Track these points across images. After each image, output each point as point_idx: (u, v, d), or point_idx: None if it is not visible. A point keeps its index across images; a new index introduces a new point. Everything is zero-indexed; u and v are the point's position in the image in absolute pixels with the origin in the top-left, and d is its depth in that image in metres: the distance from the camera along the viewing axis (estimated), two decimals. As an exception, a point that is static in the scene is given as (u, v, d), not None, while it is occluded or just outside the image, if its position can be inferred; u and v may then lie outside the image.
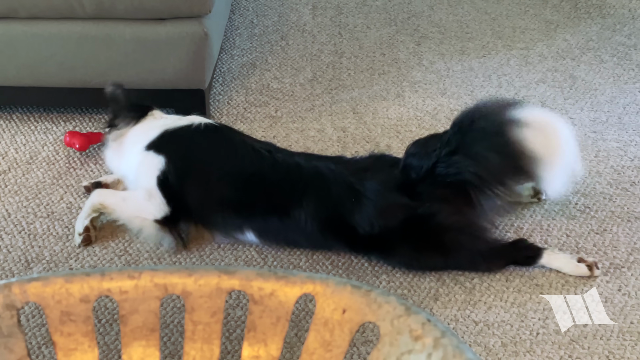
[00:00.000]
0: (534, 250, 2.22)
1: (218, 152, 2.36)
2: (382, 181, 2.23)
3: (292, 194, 2.26)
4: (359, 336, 2.02)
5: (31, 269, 2.25)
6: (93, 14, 2.61)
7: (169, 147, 2.36)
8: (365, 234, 2.20)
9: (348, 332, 1.48)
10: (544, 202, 2.47)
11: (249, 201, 2.29)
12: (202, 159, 2.35)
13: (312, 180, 2.26)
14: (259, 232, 2.30)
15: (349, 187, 2.23)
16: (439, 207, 2.18)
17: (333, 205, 2.23)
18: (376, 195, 2.20)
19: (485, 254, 2.21)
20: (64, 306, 1.50)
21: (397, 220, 2.19)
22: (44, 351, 1.98)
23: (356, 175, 2.25)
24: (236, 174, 2.31)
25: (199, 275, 1.54)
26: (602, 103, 2.99)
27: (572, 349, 2.00)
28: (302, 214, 2.23)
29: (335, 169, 2.27)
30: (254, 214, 2.29)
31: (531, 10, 3.63)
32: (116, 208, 2.33)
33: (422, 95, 3.04)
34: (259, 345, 1.56)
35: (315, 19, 3.55)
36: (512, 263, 2.23)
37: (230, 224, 2.31)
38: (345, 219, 2.22)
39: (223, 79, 3.12)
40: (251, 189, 2.29)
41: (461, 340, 1.33)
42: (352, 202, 2.20)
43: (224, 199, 2.31)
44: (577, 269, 2.20)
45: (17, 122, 2.85)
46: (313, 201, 2.24)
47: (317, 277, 1.52)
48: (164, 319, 2.07)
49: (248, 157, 2.33)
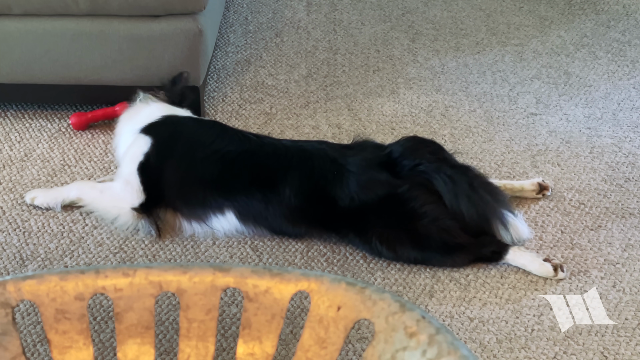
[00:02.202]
0: (499, 246, 2.23)
1: (206, 133, 2.41)
2: (365, 158, 2.29)
3: (277, 169, 2.29)
4: (354, 333, 2.02)
5: (26, 267, 2.24)
6: (87, 11, 2.61)
7: (157, 129, 2.41)
8: (345, 207, 2.22)
9: (343, 329, 1.48)
10: (539, 199, 2.48)
11: (234, 178, 2.31)
12: (188, 138, 2.39)
13: (297, 157, 2.31)
14: (240, 212, 2.30)
15: (332, 162, 2.27)
16: (417, 193, 2.20)
17: (316, 179, 2.27)
18: (359, 169, 2.25)
19: (452, 248, 2.21)
20: (58, 304, 1.50)
21: (376, 195, 2.22)
22: (39, 349, 1.98)
23: (340, 152, 2.32)
24: (222, 153, 2.35)
25: (194, 272, 1.53)
26: (596, 99, 2.99)
27: (567, 345, 2.01)
28: (287, 189, 2.25)
29: (319, 147, 2.35)
30: (237, 190, 2.30)
31: (525, 7, 3.63)
32: (94, 202, 2.39)
33: (416, 91, 3.04)
34: (254, 342, 1.55)
35: (310, 16, 3.55)
36: (478, 259, 2.24)
37: (210, 204, 2.32)
38: (326, 191, 2.24)
39: (218, 75, 3.12)
40: (236, 167, 2.32)
41: (456, 337, 1.34)
42: (334, 174, 2.24)
43: (207, 177, 2.33)
44: (541, 268, 2.19)
45: (12, 120, 2.85)
46: (298, 175, 2.27)
47: (311, 274, 1.52)
48: (159, 317, 2.07)
49: (236, 139, 2.38)
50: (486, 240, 2.24)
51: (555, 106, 2.95)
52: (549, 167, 2.63)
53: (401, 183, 2.22)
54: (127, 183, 2.34)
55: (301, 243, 2.33)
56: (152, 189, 2.34)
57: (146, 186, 2.34)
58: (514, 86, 3.08)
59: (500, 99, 3.00)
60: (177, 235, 2.35)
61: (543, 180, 2.50)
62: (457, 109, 2.93)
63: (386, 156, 2.30)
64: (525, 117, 2.89)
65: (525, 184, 2.48)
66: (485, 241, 2.24)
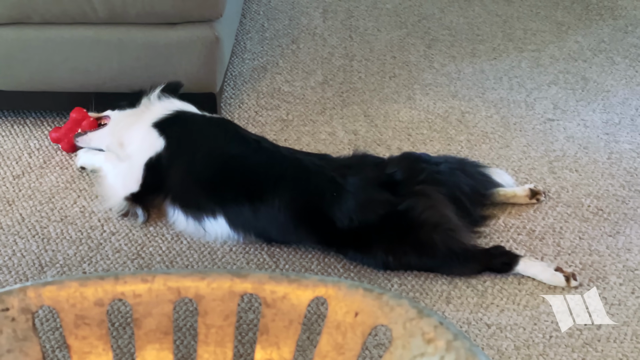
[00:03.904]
0: (510, 257, 2.22)
1: (209, 133, 2.43)
2: (364, 177, 2.27)
3: (267, 178, 2.28)
4: (371, 339, 2.02)
5: (45, 273, 2.26)
6: (105, 19, 2.63)
7: (171, 129, 2.44)
8: (344, 228, 2.21)
9: (360, 335, 1.48)
10: (557, 205, 2.47)
11: (224, 182, 2.32)
12: (192, 140, 2.41)
13: (291, 169, 2.30)
14: (230, 218, 2.30)
15: (330, 181, 2.26)
16: (414, 202, 2.21)
17: (311, 196, 2.25)
18: (357, 190, 2.23)
19: (460, 256, 2.20)
20: (78, 310, 1.51)
21: (377, 215, 2.21)
22: (58, 355, 1.99)
23: (339, 171, 2.29)
24: (217, 155, 2.36)
25: (212, 278, 1.54)
26: (614, 105, 2.98)
27: (585, 352, 2.00)
28: (276, 200, 2.24)
29: (318, 164, 2.32)
30: (226, 194, 2.30)
31: (542, 12, 3.63)
32: (107, 174, 2.50)
33: (433, 97, 3.04)
34: (272, 348, 1.56)
35: (326, 22, 3.56)
36: (487, 269, 2.23)
37: (204, 206, 2.32)
38: (323, 212, 2.23)
39: (234, 82, 3.13)
40: (228, 171, 2.32)
41: (473, 343, 1.33)
42: (333, 195, 2.22)
43: (202, 178, 2.35)
44: (553, 278, 2.18)
45: (31, 127, 2.87)
46: (290, 188, 2.26)
47: (329, 280, 1.52)
48: (177, 322, 2.08)
49: (234, 142, 2.39)
50: (496, 250, 2.24)
51: (573, 112, 2.94)
52: (567, 173, 2.62)
53: (401, 201, 2.22)
54: (130, 168, 2.41)
55: (317, 250, 2.33)
56: (151, 185, 2.40)
57: (146, 181, 2.39)
58: (531, 92, 3.07)
59: (517, 104, 2.99)
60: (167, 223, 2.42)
61: (535, 185, 2.49)
62: (473, 115, 2.93)
63: (387, 176, 2.29)
64: (543, 123, 2.88)
65: (517, 190, 2.47)
66: (495, 252, 2.23)
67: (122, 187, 2.43)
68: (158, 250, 2.34)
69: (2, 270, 2.26)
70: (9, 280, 2.22)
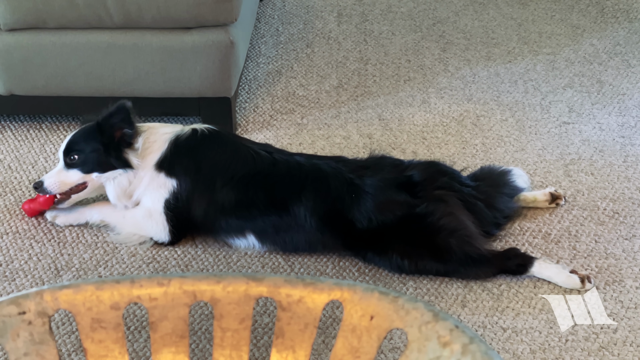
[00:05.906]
0: (525, 259, 2.21)
1: (221, 159, 2.37)
2: (382, 178, 2.28)
3: (291, 190, 2.29)
4: (386, 343, 2.02)
5: (61, 277, 2.27)
6: (120, 24, 2.64)
7: (179, 166, 2.36)
8: (363, 229, 2.22)
9: (376, 338, 1.48)
10: (572, 208, 2.46)
11: (250, 202, 2.31)
12: (207, 170, 2.35)
13: (311, 177, 2.30)
14: (259, 234, 2.31)
15: (348, 183, 2.27)
16: (433, 207, 2.21)
17: (332, 200, 2.26)
18: (376, 190, 2.24)
19: (476, 260, 2.20)
20: (94, 313, 1.51)
21: (395, 216, 2.22)
22: (74, 358, 2.00)
23: (356, 172, 2.30)
24: (238, 178, 2.33)
25: (227, 282, 1.54)
26: (630, 108, 2.96)
27: (601, 355, 1.99)
28: (302, 210, 2.25)
29: (335, 166, 2.32)
30: (254, 214, 2.31)
31: (557, 15, 3.61)
32: (117, 225, 2.41)
33: (448, 101, 3.04)
34: (287, 351, 1.56)
35: (341, 26, 3.56)
36: (503, 271, 2.22)
37: (233, 228, 2.33)
38: (343, 214, 2.24)
39: (249, 86, 3.14)
40: (252, 190, 2.32)
41: (489, 347, 1.33)
42: (352, 197, 2.23)
43: (227, 203, 2.33)
44: (568, 280, 2.18)
45: (47, 132, 2.89)
46: (312, 196, 2.26)
47: (344, 283, 1.52)
48: (193, 326, 2.08)
49: (250, 160, 2.35)
50: (511, 253, 2.23)
51: (588, 115, 2.93)
52: (582, 176, 2.61)
53: (419, 203, 2.22)
54: (149, 215, 2.36)
55: (332, 253, 2.33)
56: (179, 226, 2.36)
57: (173, 225, 2.35)
58: (546, 95, 3.06)
59: (533, 108, 2.98)
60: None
61: (555, 189, 2.48)
62: (488, 118, 2.92)
63: (406, 178, 2.29)
64: (558, 126, 2.87)
65: (537, 195, 2.46)
66: (510, 254, 2.23)
67: (147, 233, 2.39)
68: (173, 254, 2.34)
69: (19, 274, 2.28)
70: (25, 284, 2.23)
